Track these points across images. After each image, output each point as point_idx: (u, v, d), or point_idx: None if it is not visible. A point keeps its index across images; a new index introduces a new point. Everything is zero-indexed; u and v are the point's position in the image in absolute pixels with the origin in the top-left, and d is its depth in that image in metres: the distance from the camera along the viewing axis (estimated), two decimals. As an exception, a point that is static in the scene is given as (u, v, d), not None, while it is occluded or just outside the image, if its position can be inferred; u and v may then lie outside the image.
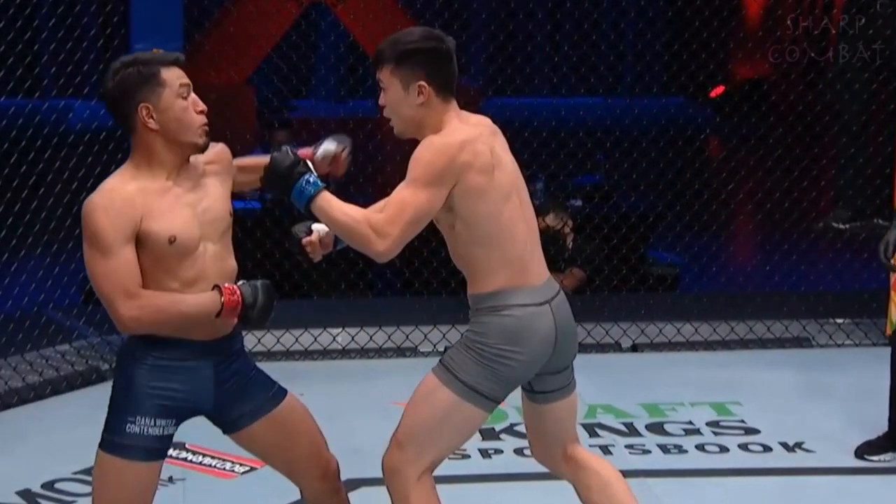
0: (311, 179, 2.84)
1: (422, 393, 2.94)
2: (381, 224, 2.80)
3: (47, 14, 5.61)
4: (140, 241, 2.71)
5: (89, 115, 5.74)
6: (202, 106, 2.77)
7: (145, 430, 2.76)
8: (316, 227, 3.06)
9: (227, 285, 2.77)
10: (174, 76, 2.74)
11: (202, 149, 2.79)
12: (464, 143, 2.85)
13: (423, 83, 2.87)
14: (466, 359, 2.89)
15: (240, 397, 2.91)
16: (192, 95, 2.77)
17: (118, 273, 2.66)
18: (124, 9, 5.10)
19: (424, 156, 2.82)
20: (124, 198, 2.68)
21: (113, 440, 2.77)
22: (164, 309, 2.70)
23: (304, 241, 3.08)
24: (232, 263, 2.88)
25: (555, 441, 3.08)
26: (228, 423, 2.94)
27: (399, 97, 2.90)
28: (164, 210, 2.73)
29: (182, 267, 2.76)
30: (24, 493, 3.99)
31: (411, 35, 2.92)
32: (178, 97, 2.73)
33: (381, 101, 2.94)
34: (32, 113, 5.35)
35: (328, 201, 2.82)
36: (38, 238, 5.46)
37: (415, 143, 2.94)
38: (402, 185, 2.83)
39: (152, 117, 2.70)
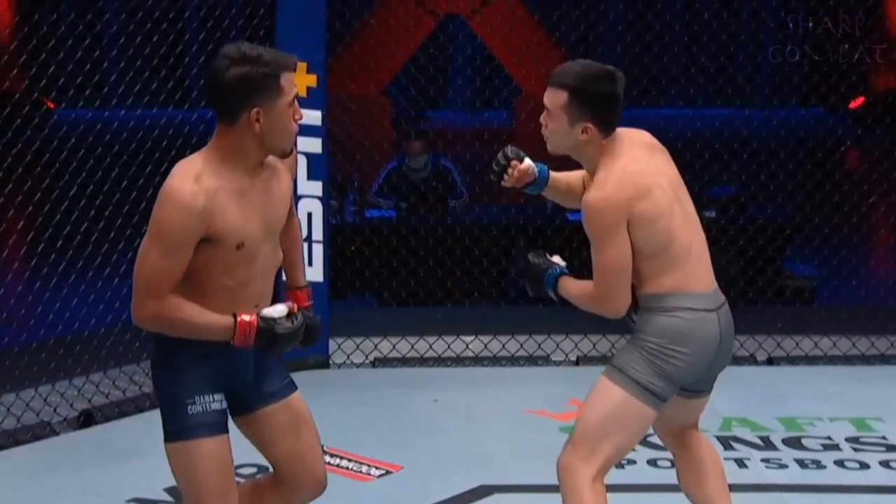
0: (556, 271, 3.15)
1: (594, 393, 3.08)
2: (597, 291, 3.02)
3: (197, 28, 5.81)
4: (208, 240, 2.68)
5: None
6: (301, 114, 2.75)
7: (207, 406, 2.76)
8: (528, 160, 3.24)
9: (243, 318, 2.72)
10: (290, 83, 2.70)
11: (287, 155, 2.81)
12: (621, 186, 2.99)
13: (589, 125, 3.01)
14: (635, 356, 3.04)
15: (269, 376, 2.92)
16: (295, 102, 2.74)
17: (162, 274, 2.64)
18: (269, 23, 5.24)
19: (595, 219, 2.99)
20: (205, 201, 2.63)
21: (178, 428, 2.75)
22: (178, 325, 2.69)
23: (513, 163, 3.23)
24: (280, 254, 2.91)
25: (679, 423, 3.26)
26: (255, 400, 2.90)
27: (563, 130, 3.04)
28: (238, 216, 2.70)
29: (241, 268, 2.75)
30: (172, 490, 4.06)
31: (590, 71, 3.02)
32: (289, 106, 2.70)
33: (543, 121, 3.07)
34: (182, 123, 5.55)
35: (566, 282, 3.13)
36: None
37: (560, 160, 3.10)
38: (592, 250, 3.02)
39: (258, 121, 2.65)
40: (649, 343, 3.03)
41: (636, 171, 3.03)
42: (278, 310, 2.75)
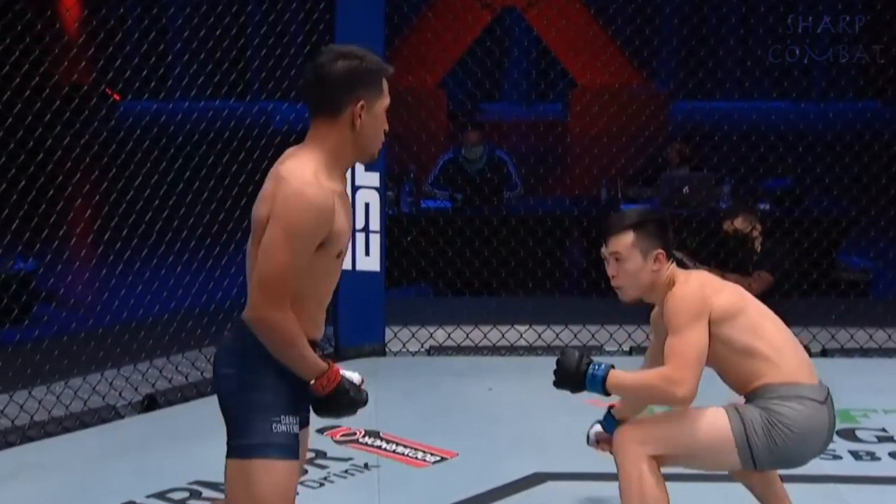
0: (599, 368, 3.15)
1: (705, 414, 3.18)
2: (673, 373, 3.08)
3: (258, 22, 5.91)
4: (321, 244, 2.60)
5: (294, 117, 6.03)
6: (387, 126, 2.73)
7: (291, 427, 2.63)
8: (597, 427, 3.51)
9: (335, 369, 2.65)
10: (387, 90, 2.69)
11: (374, 160, 2.80)
12: (701, 284, 3.20)
13: (661, 251, 3.20)
14: (760, 421, 3.14)
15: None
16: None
17: (289, 275, 2.54)
18: (329, 16, 5.31)
19: (678, 306, 3.14)
20: (331, 200, 2.58)
21: (257, 444, 2.60)
22: (286, 341, 2.58)
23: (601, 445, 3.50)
24: None
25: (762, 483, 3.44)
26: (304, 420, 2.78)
27: (639, 266, 3.21)
28: (343, 221, 2.64)
29: (333, 277, 2.69)
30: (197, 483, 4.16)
31: (640, 210, 3.30)
32: (385, 110, 2.69)
33: (614, 271, 3.23)
34: (243, 115, 5.65)
35: (619, 378, 3.14)
36: (245, 233, 5.75)
37: None
38: (670, 338, 3.11)
39: (360, 116, 2.62)
40: (775, 419, 3.13)
41: (710, 278, 3.26)
42: (356, 377, 2.70)
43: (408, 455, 4.41)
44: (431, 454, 4.40)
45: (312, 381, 2.62)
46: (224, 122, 5.56)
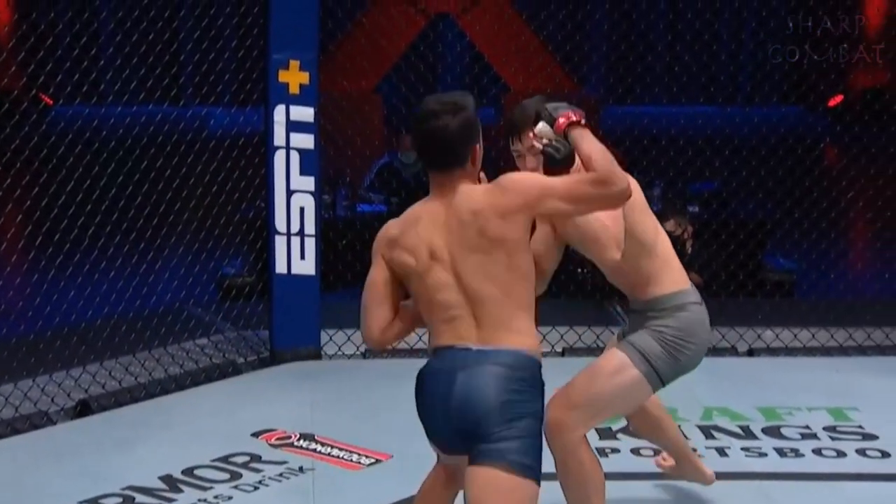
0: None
1: (608, 368, 3.31)
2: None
3: (191, 27, 5.91)
4: None
5: (228, 122, 6.04)
6: None
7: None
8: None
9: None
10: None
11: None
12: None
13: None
14: (656, 347, 3.29)
15: None
16: None
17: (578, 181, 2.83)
18: (263, 21, 5.32)
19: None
20: None
21: (538, 468, 2.78)
22: (604, 158, 2.85)
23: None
24: None
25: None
26: None
27: None
28: None
29: None
30: (166, 478, 4.22)
31: (532, 99, 3.28)
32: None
33: (536, 161, 3.16)
34: (176, 119, 5.63)
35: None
36: (179, 237, 5.75)
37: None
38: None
39: (474, 157, 2.85)
40: (672, 338, 3.29)
41: None
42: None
43: (342, 458, 4.43)
44: (366, 457, 4.43)
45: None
46: (157, 126, 5.54)
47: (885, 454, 4.45)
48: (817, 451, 4.49)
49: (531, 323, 2.83)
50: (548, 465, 3.16)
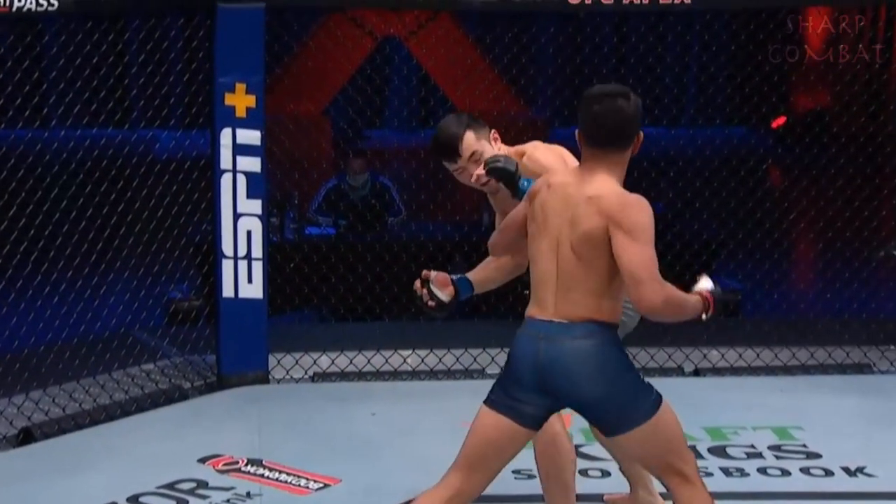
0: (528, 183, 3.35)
1: None
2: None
3: (137, 50, 5.89)
4: None
5: (174, 146, 6.01)
6: None
7: None
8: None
9: (704, 295, 3.16)
10: None
11: None
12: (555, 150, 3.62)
13: (493, 130, 3.67)
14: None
15: None
16: None
17: (655, 262, 3.03)
18: (209, 44, 5.30)
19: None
20: None
21: (656, 396, 3.13)
22: (679, 301, 3.05)
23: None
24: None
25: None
26: None
27: (492, 152, 3.55)
28: None
29: None
30: (112, 506, 4.17)
31: (451, 116, 3.65)
32: None
33: (479, 170, 3.50)
34: (122, 143, 5.60)
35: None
36: (125, 261, 5.70)
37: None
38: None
39: (636, 146, 3.10)
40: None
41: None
42: (709, 283, 3.18)
43: (290, 483, 4.40)
44: (314, 481, 4.41)
45: (703, 315, 3.13)
46: (102, 150, 5.50)
47: (828, 472, 4.50)
48: (762, 471, 4.53)
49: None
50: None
